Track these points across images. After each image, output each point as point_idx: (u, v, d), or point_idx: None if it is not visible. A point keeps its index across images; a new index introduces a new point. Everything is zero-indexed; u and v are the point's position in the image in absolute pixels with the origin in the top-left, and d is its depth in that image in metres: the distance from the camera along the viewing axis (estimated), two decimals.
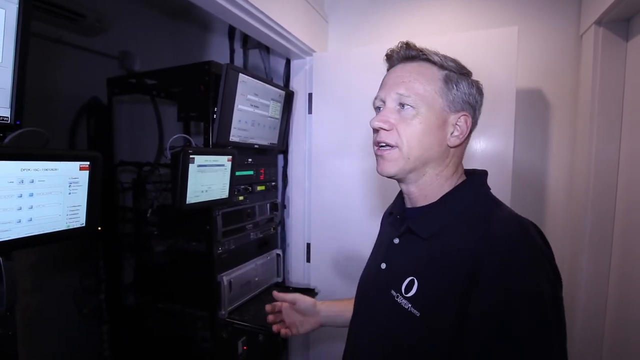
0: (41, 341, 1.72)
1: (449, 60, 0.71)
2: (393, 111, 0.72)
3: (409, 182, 0.74)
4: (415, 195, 0.75)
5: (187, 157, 1.18)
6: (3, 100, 0.79)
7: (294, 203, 2.02)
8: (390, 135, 0.71)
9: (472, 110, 0.72)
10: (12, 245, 0.80)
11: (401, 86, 0.70)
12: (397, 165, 0.71)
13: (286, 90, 1.79)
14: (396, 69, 0.75)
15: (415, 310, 0.64)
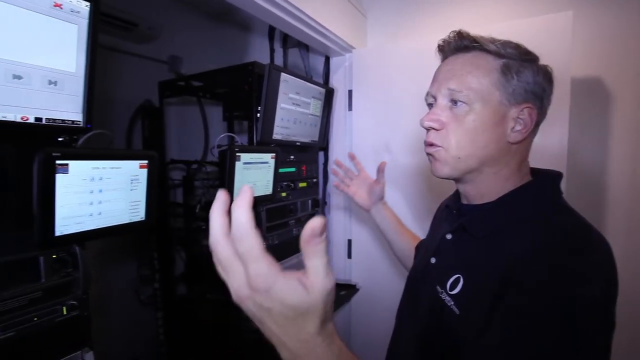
0: (106, 324, 1.89)
1: (509, 47, 0.64)
2: (444, 108, 0.68)
3: (464, 181, 0.71)
4: (471, 193, 0.72)
5: (234, 155, 1.23)
6: (76, 106, 0.87)
7: (334, 199, 2.04)
8: (440, 135, 0.68)
9: (538, 101, 0.65)
10: (86, 236, 0.89)
11: (452, 80, 0.66)
12: (447, 166, 0.68)
13: (326, 88, 1.80)
14: (448, 61, 0.70)
15: (455, 309, 0.63)
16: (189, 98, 2.11)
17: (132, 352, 2.09)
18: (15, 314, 0.85)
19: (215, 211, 0.38)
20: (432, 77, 0.73)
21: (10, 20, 0.73)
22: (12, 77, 0.75)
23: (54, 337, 0.93)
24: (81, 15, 0.83)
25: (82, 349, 0.99)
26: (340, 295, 1.84)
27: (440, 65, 0.72)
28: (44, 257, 0.88)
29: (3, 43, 0.73)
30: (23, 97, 0.78)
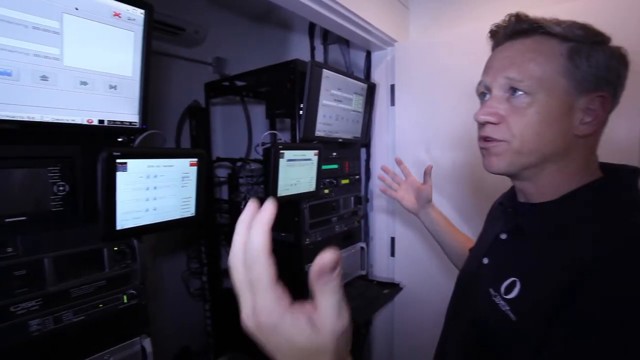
0: (159, 313, 2.01)
1: (576, 29, 0.57)
2: (501, 100, 0.62)
3: (523, 178, 0.65)
4: (529, 191, 0.66)
5: (278, 152, 1.25)
6: (133, 108, 0.93)
7: (377, 196, 2.01)
8: (498, 129, 0.62)
9: (610, 88, 0.58)
10: (143, 230, 0.95)
11: (511, 69, 0.60)
12: (505, 160, 0.62)
13: (368, 83, 1.78)
14: (504, 48, 0.64)
15: (512, 314, 0.58)
16: (233, 98, 2.19)
17: (182, 340, 2.20)
18: (85, 300, 0.93)
19: (240, 223, 0.36)
20: (482, 67, 0.68)
21: (78, 31, 0.79)
22: (80, 84, 0.82)
23: (117, 323, 1.01)
24: (137, 23, 0.88)
25: (141, 335, 1.06)
26: (384, 294, 1.81)
27: (494, 53, 0.66)
28: (107, 249, 0.96)
29: (73, 53, 0.79)
30: (88, 101, 0.84)
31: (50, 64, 0.77)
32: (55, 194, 0.85)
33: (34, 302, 0.85)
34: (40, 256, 0.85)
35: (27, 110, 0.77)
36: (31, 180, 0.81)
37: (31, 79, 0.75)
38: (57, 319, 0.89)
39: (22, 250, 0.82)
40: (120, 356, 1.00)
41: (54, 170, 0.84)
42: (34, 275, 0.84)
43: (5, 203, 0.78)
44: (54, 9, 0.75)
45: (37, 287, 0.85)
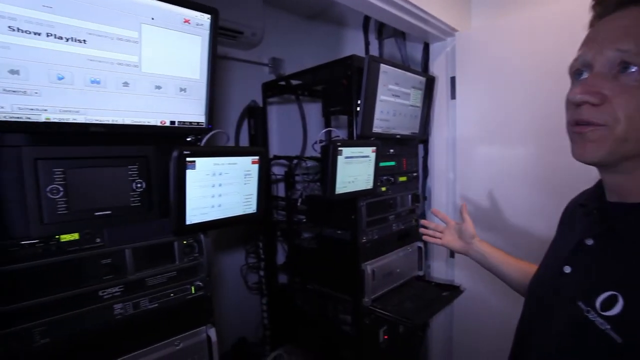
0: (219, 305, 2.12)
1: None
2: (606, 77, 0.53)
3: (620, 171, 0.56)
4: (626, 187, 0.57)
5: (336, 149, 1.25)
6: (200, 109, 0.98)
7: (435, 195, 1.93)
8: (598, 111, 0.53)
9: None
10: (209, 225, 0.99)
11: (625, 40, 0.50)
12: (604, 148, 0.53)
13: (427, 76, 1.70)
14: (613, 17, 0.54)
15: (615, 335, 0.50)
16: (288, 97, 2.23)
17: (240, 331, 2.30)
18: (158, 288, 1.00)
19: None
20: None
21: (153, 39, 0.85)
22: (155, 88, 0.88)
23: (185, 312, 1.07)
24: (204, 27, 0.92)
25: (206, 325, 1.12)
26: (443, 297, 1.73)
27: (600, 23, 0.57)
28: (178, 242, 1.02)
29: (149, 60, 0.85)
30: (161, 104, 0.90)
31: (131, 71, 0.83)
32: (134, 190, 0.92)
33: (117, 288, 0.93)
34: (122, 247, 0.93)
35: (112, 114, 0.84)
36: (115, 178, 0.89)
37: (115, 85, 0.82)
38: (136, 304, 0.97)
39: (108, 241, 0.91)
40: (188, 343, 1.07)
41: (133, 168, 0.91)
42: (117, 264, 0.92)
43: (95, 199, 0.86)
44: (133, 20, 0.81)
45: (120, 275, 0.93)
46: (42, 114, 0.75)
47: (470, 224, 1.14)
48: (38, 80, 0.73)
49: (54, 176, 0.81)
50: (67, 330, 0.86)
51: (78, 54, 0.76)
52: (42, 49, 0.72)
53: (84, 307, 0.88)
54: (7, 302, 0.78)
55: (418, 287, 1.85)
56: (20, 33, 0.69)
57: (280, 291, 2.09)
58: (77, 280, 0.87)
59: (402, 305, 1.64)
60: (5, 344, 0.78)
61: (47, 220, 0.81)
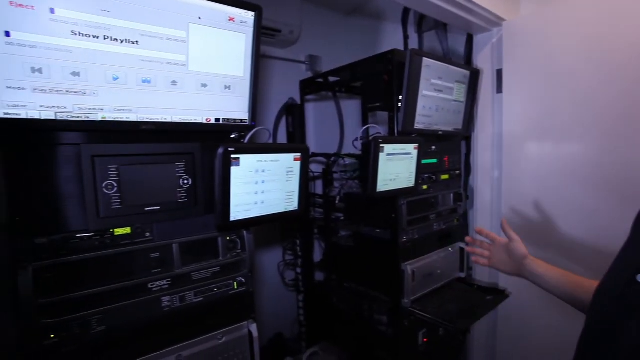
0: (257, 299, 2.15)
1: None
2: None
3: None
4: None
5: (378, 146, 1.22)
6: (244, 106, 0.99)
7: (479, 194, 1.84)
8: None
9: None
10: (252, 221, 1.00)
11: None
12: None
13: (471, 70, 1.62)
14: None
15: None
16: (325, 94, 2.22)
17: (276, 326, 2.33)
18: (203, 283, 1.02)
19: None
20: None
21: (200, 38, 0.86)
22: (201, 86, 0.90)
23: (228, 307, 1.09)
24: (248, 25, 0.93)
25: (248, 320, 1.13)
26: (487, 301, 1.64)
27: None
28: (222, 238, 1.04)
29: (196, 59, 0.87)
30: (207, 101, 0.92)
31: (179, 70, 0.86)
32: (181, 186, 0.95)
33: (164, 281, 0.96)
34: (170, 241, 0.96)
35: (161, 112, 0.86)
36: (163, 174, 0.91)
37: (164, 84, 0.85)
38: (182, 298, 1.00)
39: (157, 235, 0.94)
40: (230, 337, 1.09)
41: (180, 165, 0.93)
42: (165, 258, 0.96)
43: (145, 195, 0.89)
44: (182, 20, 0.83)
45: (167, 269, 0.96)
46: (99, 113, 0.79)
47: (519, 242, 1.02)
48: (96, 81, 0.77)
49: (109, 172, 0.85)
50: (120, 319, 0.90)
51: (131, 54, 0.79)
52: (99, 51, 0.75)
53: (136, 298, 0.92)
54: (68, 291, 0.83)
55: (460, 289, 1.77)
56: (81, 37, 0.73)
57: (316, 288, 2.09)
58: (129, 272, 0.91)
59: (443, 308, 1.58)
60: (68, 329, 0.84)
61: (103, 214, 0.85)
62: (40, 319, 0.80)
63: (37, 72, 0.70)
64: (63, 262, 0.82)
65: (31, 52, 0.69)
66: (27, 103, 0.71)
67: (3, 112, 0.69)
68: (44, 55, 0.70)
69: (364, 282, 1.73)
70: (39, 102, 0.72)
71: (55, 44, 0.71)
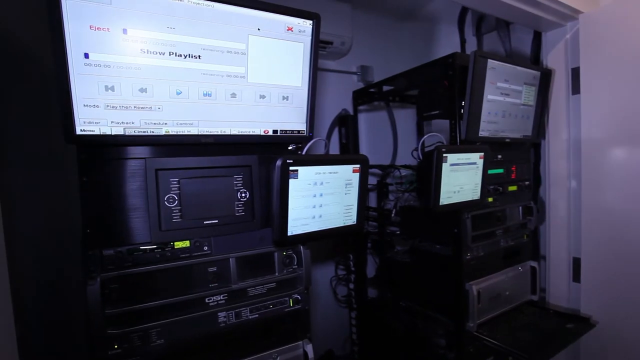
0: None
1: None
2: None
3: None
4: None
5: (441, 156, 1.13)
6: (301, 117, 0.96)
7: (552, 207, 1.65)
8: None
9: None
10: (310, 237, 0.96)
11: None
12: None
13: (542, 70, 1.48)
14: None
15: None
16: (376, 104, 2.16)
17: (327, 343, 2.25)
18: (259, 299, 1.00)
19: None
20: None
21: (258, 50, 0.85)
22: (259, 97, 0.89)
23: (283, 325, 1.05)
24: (306, 34, 0.91)
25: (303, 340, 1.08)
26: (567, 330, 1.45)
27: None
28: (278, 253, 1.01)
29: (255, 70, 0.86)
30: (265, 113, 0.91)
31: (238, 82, 0.85)
32: (239, 200, 0.93)
33: (221, 296, 0.95)
34: (227, 255, 0.94)
35: (220, 125, 0.86)
36: (222, 187, 0.91)
37: (224, 97, 0.85)
38: (238, 314, 0.97)
39: (215, 249, 0.93)
40: (285, 357, 1.04)
41: (238, 178, 0.92)
42: (222, 272, 0.94)
43: (204, 208, 0.89)
44: (241, 32, 0.83)
45: (224, 283, 0.95)
46: (162, 127, 0.80)
47: None
48: (161, 96, 0.78)
49: (170, 186, 0.85)
50: (178, 333, 0.89)
51: (194, 69, 0.80)
52: (165, 67, 0.77)
53: (193, 312, 0.91)
54: (131, 302, 0.84)
55: (532, 314, 1.59)
56: (149, 54, 0.75)
57: (369, 305, 1.99)
58: (187, 286, 0.90)
59: (515, 335, 1.42)
60: (130, 341, 0.84)
61: (165, 227, 0.85)
62: (107, 329, 0.81)
63: (109, 89, 0.73)
64: (127, 274, 0.83)
65: (105, 72, 0.72)
66: (100, 120, 0.73)
67: (80, 129, 0.71)
68: (116, 74, 0.73)
69: (421, 301, 1.62)
70: (110, 119, 0.74)
71: (126, 62, 0.73)
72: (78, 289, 0.86)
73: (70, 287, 1.21)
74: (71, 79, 0.69)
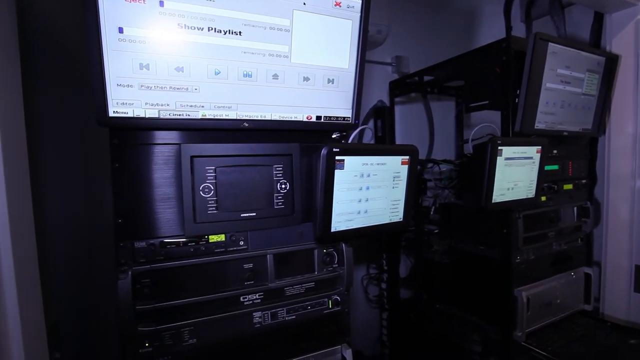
0: None
1: None
2: None
3: None
4: None
5: (496, 148, 1.02)
6: (347, 102, 0.87)
7: (612, 209, 1.50)
8: None
9: None
10: (354, 233, 0.88)
11: None
12: None
13: (609, 55, 1.33)
14: None
15: None
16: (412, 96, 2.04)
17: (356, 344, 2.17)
18: (296, 299, 0.92)
19: None
20: None
21: (304, 27, 0.77)
22: (303, 80, 0.81)
23: (321, 327, 0.98)
24: (355, 10, 0.82)
25: (342, 344, 1.01)
26: (630, 345, 1.31)
27: None
28: (318, 250, 0.93)
29: (299, 49, 0.78)
30: (308, 97, 0.83)
31: (281, 62, 0.78)
32: (279, 192, 0.86)
33: (257, 295, 0.88)
34: (264, 251, 0.87)
35: (260, 109, 0.79)
36: (261, 178, 0.84)
37: (265, 78, 0.77)
38: (274, 314, 0.91)
39: (251, 244, 0.86)
40: None
41: (278, 168, 0.85)
42: (258, 270, 0.87)
43: (242, 200, 0.82)
44: (286, 7, 0.75)
45: (261, 281, 0.88)
46: (199, 110, 0.74)
47: None
48: (198, 76, 0.71)
49: (206, 175, 0.79)
50: (211, 333, 0.83)
51: (234, 46, 0.73)
52: (203, 43, 0.70)
53: (227, 311, 0.85)
54: (163, 299, 0.78)
55: (585, 325, 1.45)
56: (186, 29, 0.68)
57: (402, 307, 1.89)
58: (222, 283, 0.84)
59: (569, 348, 1.29)
60: (161, 339, 0.79)
61: (199, 219, 0.79)
62: (138, 326, 0.76)
63: (144, 68, 0.67)
64: (159, 268, 0.78)
65: (140, 48, 0.66)
66: (134, 101, 0.68)
67: (113, 111, 0.66)
68: (152, 51, 0.67)
69: (462, 306, 1.51)
70: (145, 100, 0.69)
71: (162, 38, 0.67)
72: (109, 282, 0.82)
73: (102, 279, 1.18)
74: (105, 55, 0.63)
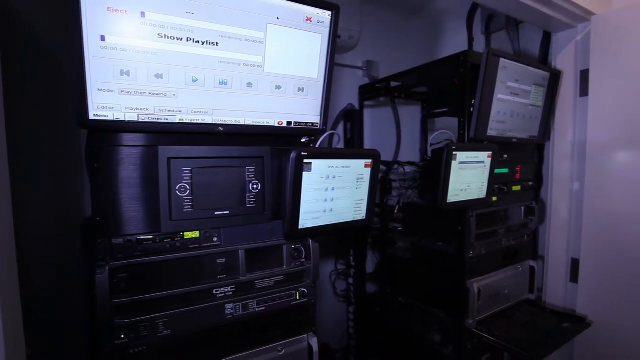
0: None
1: None
2: None
3: None
4: None
5: (451, 153, 1.13)
6: (316, 109, 0.95)
7: (554, 208, 1.67)
8: None
9: None
10: (320, 230, 0.96)
11: None
12: None
13: (552, 71, 1.48)
14: None
15: None
16: (380, 100, 2.14)
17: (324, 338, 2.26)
18: (266, 292, 0.99)
19: None
20: None
21: (277, 39, 0.84)
22: (275, 88, 0.87)
23: (289, 318, 1.05)
24: (324, 25, 0.89)
25: (308, 333, 1.08)
26: (563, 329, 1.47)
27: None
28: (287, 246, 1.00)
29: (271, 60, 0.85)
30: (280, 104, 0.89)
31: (255, 72, 0.84)
32: (251, 191, 0.92)
33: (229, 288, 0.94)
34: (236, 247, 0.93)
35: (235, 115, 0.85)
36: (234, 178, 0.89)
37: (240, 86, 0.83)
38: (245, 306, 0.97)
39: (224, 240, 0.92)
40: (290, 350, 1.04)
41: (251, 169, 0.91)
42: (231, 264, 0.93)
43: (216, 199, 0.88)
44: (260, 21, 0.81)
45: (233, 275, 0.94)
46: (177, 115, 0.79)
47: None
48: (177, 83, 0.76)
49: (182, 175, 0.84)
50: (185, 324, 0.88)
51: (211, 56, 0.78)
52: (182, 53, 0.75)
53: (201, 303, 0.90)
54: (139, 292, 0.82)
55: (529, 313, 1.61)
56: (166, 39, 0.73)
57: (368, 301, 2.00)
58: (196, 277, 0.89)
59: (512, 333, 1.44)
60: (136, 330, 0.83)
61: (175, 217, 0.84)
62: (114, 318, 0.80)
63: (125, 74, 0.71)
64: (136, 264, 0.82)
65: (121, 55, 0.70)
66: (115, 105, 0.71)
67: (93, 114, 0.70)
68: (132, 58, 0.71)
69: (421, 298, 1.63)
70: (125, 104, 0.72)
71: (143, 47, 0.71)
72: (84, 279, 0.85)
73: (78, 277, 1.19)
74: (86, 61, 0.67)
